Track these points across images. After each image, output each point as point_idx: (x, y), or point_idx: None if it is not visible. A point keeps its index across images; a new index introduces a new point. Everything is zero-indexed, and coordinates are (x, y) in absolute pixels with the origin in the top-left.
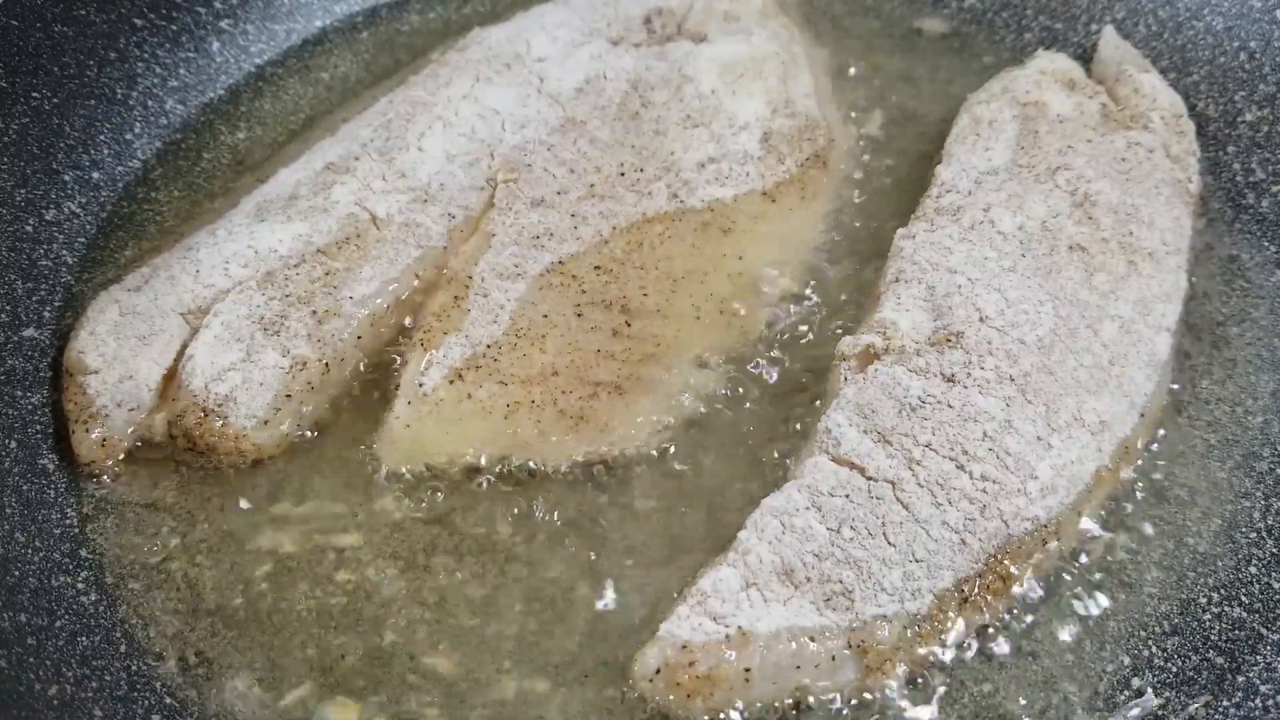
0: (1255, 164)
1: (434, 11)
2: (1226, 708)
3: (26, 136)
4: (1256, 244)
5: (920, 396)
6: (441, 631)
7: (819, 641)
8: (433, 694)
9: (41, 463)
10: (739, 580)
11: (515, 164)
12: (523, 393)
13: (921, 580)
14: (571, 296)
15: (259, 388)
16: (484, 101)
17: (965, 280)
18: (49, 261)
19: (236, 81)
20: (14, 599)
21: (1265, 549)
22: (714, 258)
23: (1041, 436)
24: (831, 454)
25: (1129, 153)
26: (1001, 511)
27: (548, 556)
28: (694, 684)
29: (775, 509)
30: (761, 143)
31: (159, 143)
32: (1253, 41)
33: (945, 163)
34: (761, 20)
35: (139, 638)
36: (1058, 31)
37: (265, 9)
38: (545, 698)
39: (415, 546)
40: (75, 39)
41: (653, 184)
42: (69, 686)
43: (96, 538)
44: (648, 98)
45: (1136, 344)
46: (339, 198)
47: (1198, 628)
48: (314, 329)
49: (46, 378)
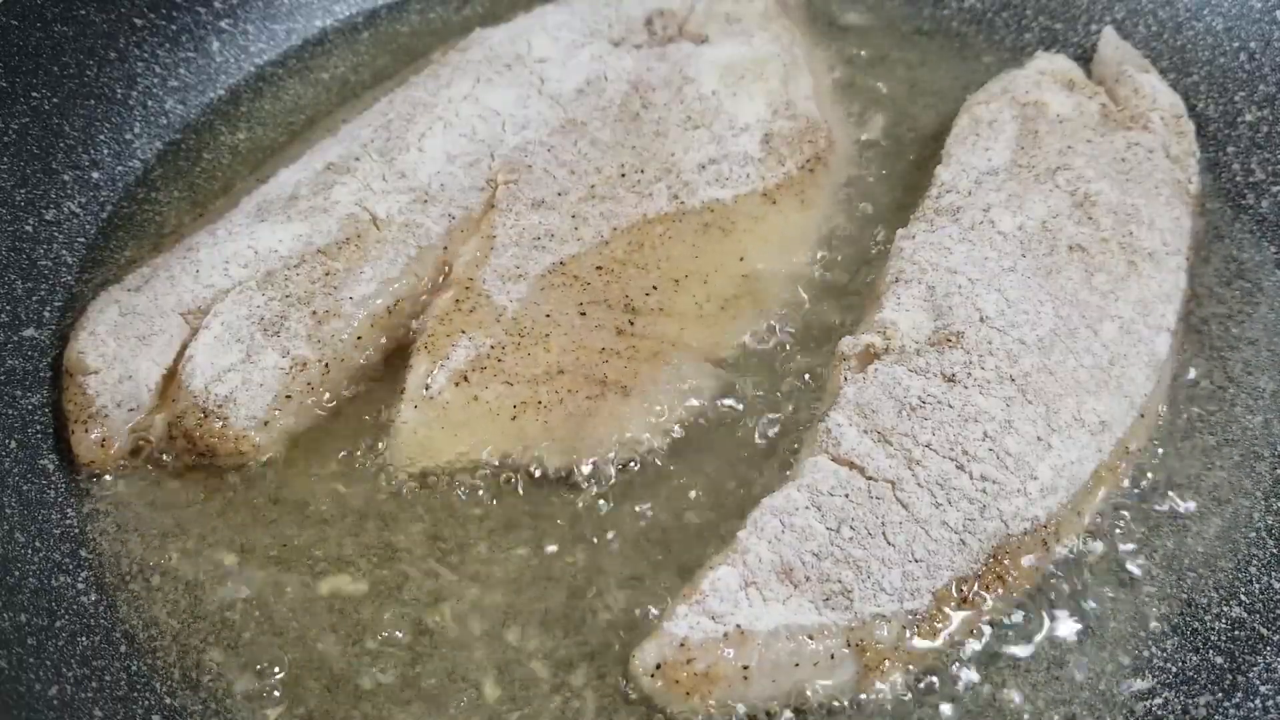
0: (1255, 164)
1: (434, 12)
2: (1226, 708)
3: (26, 136)
4: (1256, 244)
5: (920, 396)
6: (443, 631)
7: (818, 640)
8: (432, 692)
9: (41, 463)
10: (738, 579)
11: (516, 165)
12: (529, 393)
13: (921, 580)
14: (574, 296)
15: (259, 388)
16: (485, 102)
17: (965, 280)
18: (49, 261)
19: (236, 81)
20: (14, 599)
21: (1265, 549)
22: (715, 258)
23: (1041, 437)
24: (831, 453)
25: (1129, 153)
26: (1001, 512)
27: (552, 555)
28: (692, 681)
29: (775, 508)
30: (762, 144)
31: (159, 143)
32: (1253, 41)
33: (945, 163)
34: (763, 22)
35: (139, 638)
36: (1058, 31)
37: (265, 9)
38: (545, 696)
39: (418, 547)
40: (75, 39)
41: (653, 185)
42: (69, 686)
43: (96, 538)
44: (648, 99)
45: (1136, 344)
46: (339, 198)
47: (1198, 628)
48: (314, 329)
49: (46, 378)
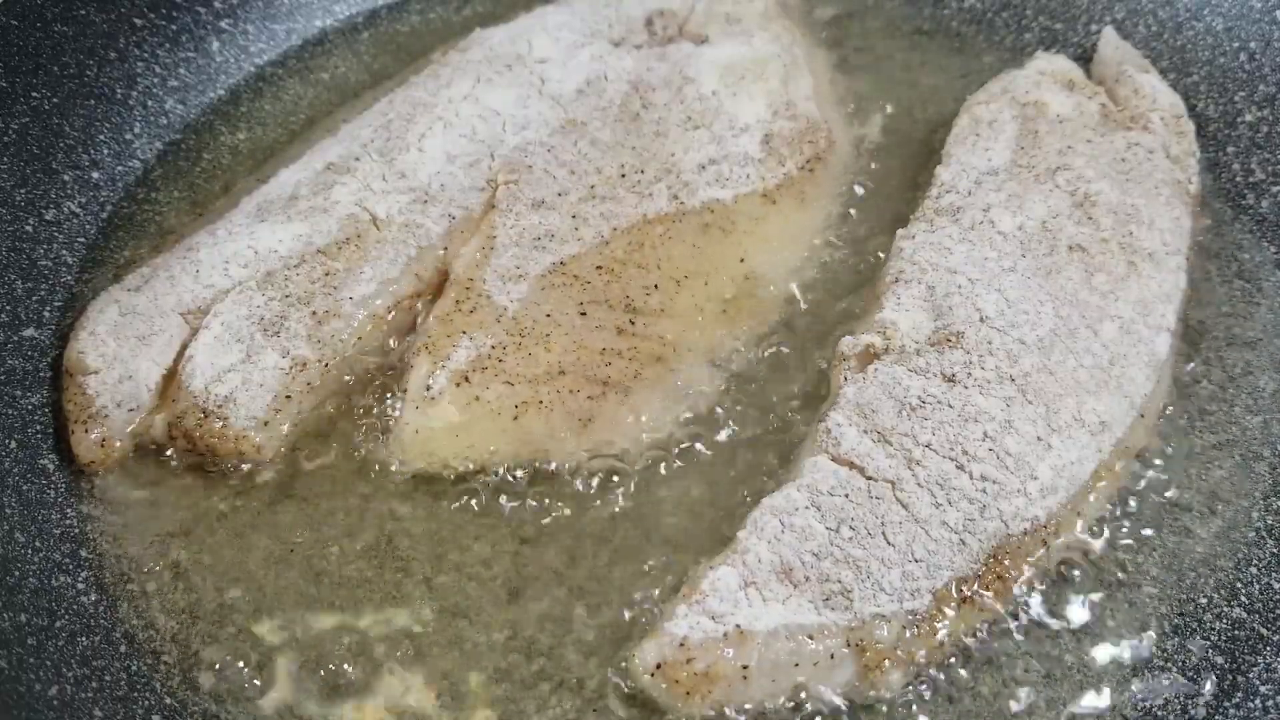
0: (1255, 164)
1: (434, 12)
2: (1226, 708)
3: (26, 136)
4: (1256, 244)
5: (920, 396)
6: (443, 630)
7: (817, 640)
8: (432, 693)
9: (41, 463)
10: (738, 579)
11: (516, 165)
12: (530, 393)
13: (920, 580)
14: (575, 295)
15: (259, 389)
16: (485, 102)
17: (965, 280)
18: (49, 261)
19: (236, 81)
20: (14, 599)
21: (1265, 549)
22: (715, 258)
23: (1041, 437)
24: (831, 453)
25: (1129, 153)
26: (1001, 512)
27: (552, 555)
28: (692, 681)
29: (775, 508)
30: (762, 144)
31: (159, 143)
32: (1253, 42)
33: (945, 163)
34: (763, 22)
35: (139, 638)
36: (1058, 32)
37: (265, 9)
38: (545, 694)
39: (419, 547)
40: (75, 39)
41: (653, 185)
42: (69, 686)
43: (96, 538)
44: (649, 99)
45: (1136, 344)
46: (339, 198)
47: (1198, 628)
48: (314, 329)
49: (46, 378)
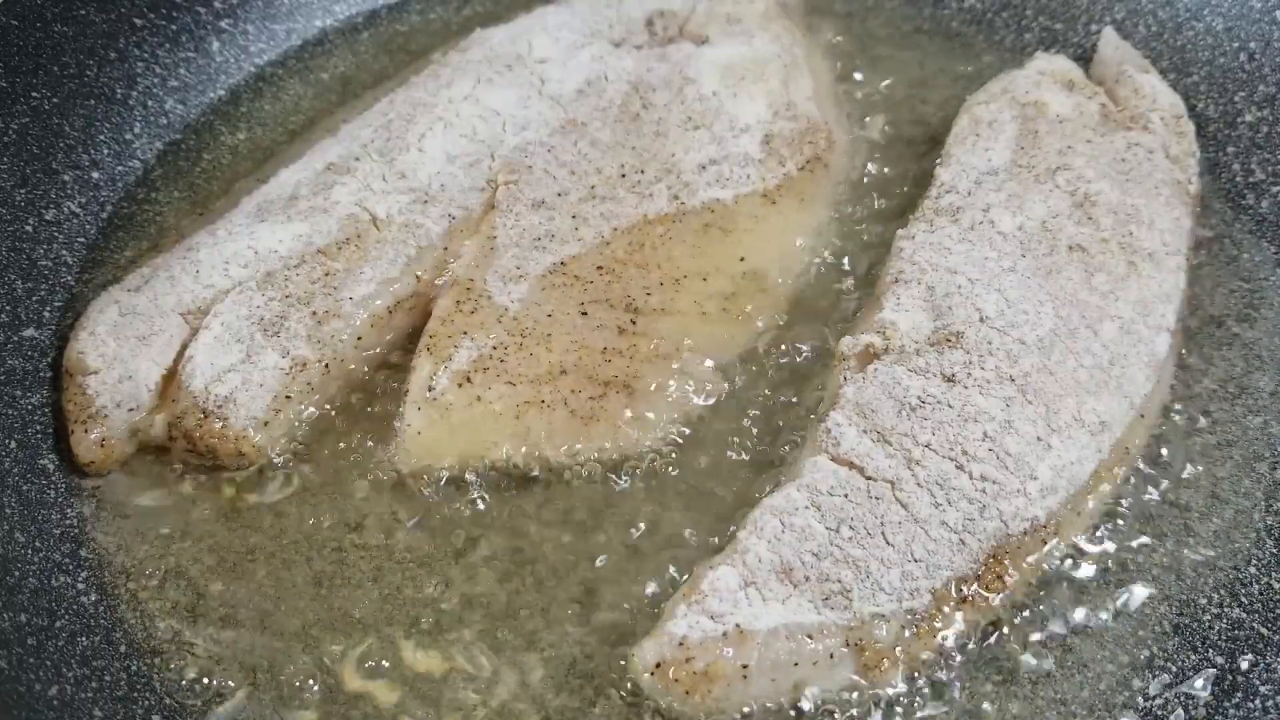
0: (1255, 164)
1: (434, 12)
2: (1226, 708)
3: (26, 136)
4: (1256, 244)
5: (920, 396)
6: (443, 629)
7: (817, 639)
8: (432, 691)
9: (41, 463)
10: (738, 579)
11: (516, 165)
12: (532, 393)
13: (920, 580)
14: (575, 295)
15: (259, 389)
16: (485, 102)
17: (965, 280)
18: (49, 261)
19: (236, 81)
20: (14, 599)
21: (1265, 549)
22: (715, 258)
23: (1041, 437)
24: (831, 453)
25: (1129, 153)
26: (1001, 512)
27: (554, 555)
28: (691, 680)
29: (775, 508)
30: (762, 145)
31: (159, 143)
32: (1253, 42)
33: (945, 163)
34: (763, 23)
35: (139, 638)
36: (1058, 32)
37: (265, 9)
38: (544, 693)
39: (420, 547)
40: (75, 39)
41: (653, 185)
42: (69, 686)
43: (96, 538)
44: (649, 99)
45: (1136, 344)
46: (339, 198)
47: (1198, 628)
48: (314, 330)
49: (46, 378)
